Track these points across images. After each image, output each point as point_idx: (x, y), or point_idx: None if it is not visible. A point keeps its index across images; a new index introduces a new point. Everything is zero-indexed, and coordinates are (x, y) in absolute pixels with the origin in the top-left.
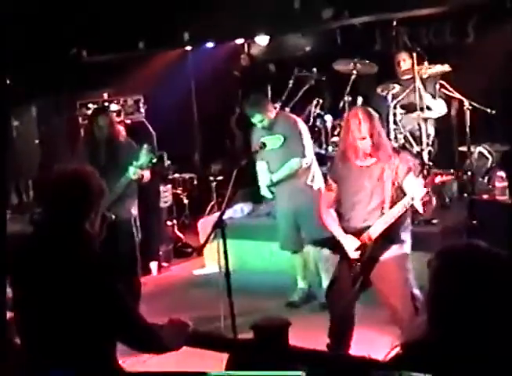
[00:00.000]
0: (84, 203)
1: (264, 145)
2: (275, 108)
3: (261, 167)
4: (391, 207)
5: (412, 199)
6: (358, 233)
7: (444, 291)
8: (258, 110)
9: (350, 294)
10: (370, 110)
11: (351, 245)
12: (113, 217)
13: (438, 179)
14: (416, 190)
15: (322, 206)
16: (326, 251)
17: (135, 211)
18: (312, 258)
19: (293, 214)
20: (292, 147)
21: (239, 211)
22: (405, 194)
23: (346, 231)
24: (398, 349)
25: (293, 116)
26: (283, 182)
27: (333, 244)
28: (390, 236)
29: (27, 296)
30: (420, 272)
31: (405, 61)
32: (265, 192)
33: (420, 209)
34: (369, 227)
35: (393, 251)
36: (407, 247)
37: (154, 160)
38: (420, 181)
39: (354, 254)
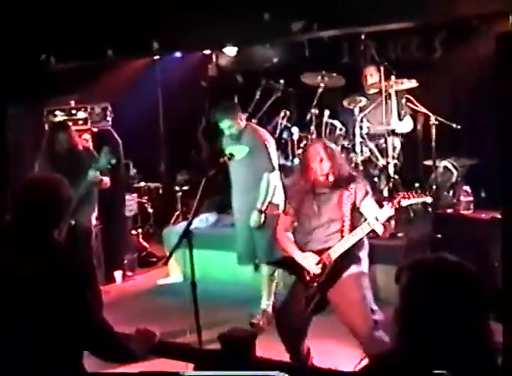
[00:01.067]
0: (55, 211)
1: (231, 155)
2: (246, 119)
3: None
4: (350, 230)
5: (374, 224)
6: (317, 255)
7: (414, 303)
8: (227, 116)
9: (303, 315)
10: (331, 145)
11: (310, 261)
12: (73, 223)
13: (405, 203)
14: (378, 215)
15: (278, 229)
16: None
17: (94, 220)
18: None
19: (250, 229)
20: (256, 159)
21: (204, 220)
22: (363, 216)
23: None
24: (366, 361)
25: (261, 128)
26: (243, 196)
27: (289, 265)
28: (348, 256)
29: None
30: (385, 285)
31: (372, 76)
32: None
33: (380, 231)
34: (328, 248)
35: (350, 269)
36: (364, 266)
37: (113, 162)
38: (383, 208)
39: (315, 269)
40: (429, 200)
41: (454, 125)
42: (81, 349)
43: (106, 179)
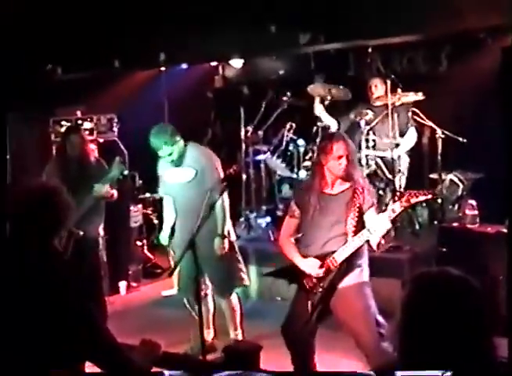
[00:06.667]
0: (53, 218)
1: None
2: (182, 138)
3: (167, 202)
4: (354, 234)
5: (373, 230)
6: (319, 259)
7: (416, 316)
8: (165, 142)
9: (309, 324)
10: (344, 134)
11: (313, 264)
12: (81, 233)
13: (413, 200)
14: (377, 227)
15: (282, 234)
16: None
17: (102, 231)
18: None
19: (198, 259)
20: (205, 181)
21: None
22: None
23: (305, 257)
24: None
25: (205, 148)
26: (191, 221)
27: (291, 274)
28: (352, 262)
29: None
30: (388, 298)
31: (377, 87)
32: (164, 236)
33: (374, 246)
34: (330, 253)
35: (353, 278)
36: (366, 275)
37: (125, 173)
38: (382, 217)
39: (317, 272)
40: (430, 196)
41: (460, 139)
42: (82, 360)
43: (114, 192)
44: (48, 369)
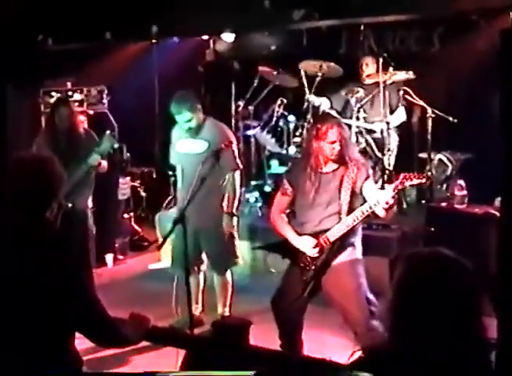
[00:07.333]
0: (45, 190)
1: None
2: (202, 111)
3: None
4: (348, 213)
5: (375, 205)
6: (313, 237)
7: (408, 296)
8: (187, 108)
9: (300, 300)
10: (338, 117)
11: (308, 243)
12: (70, 205)
13: (408, 183)
14: (379, 197)
15: (274, 210)
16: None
17: (90, 203)
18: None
19: (196, 234)
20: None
21: None
22: (364, 201)
23: (300, 235)
24: (359, 353)
25: (222, 123)
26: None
27: (284, 249)
28: (345, 240)
29: None
30: (376, 276)
31: (368, 66)
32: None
33: (381, 214)
34: (324, 231)
35: (346, 256)
36: (359, 252)
37: (116, 146)
38: (385, 190)
39: (312, 252)
40: (424, 180)
41: (450, 119)
42: (74, 331)
43: (105, 163)
44: (40, 340)
